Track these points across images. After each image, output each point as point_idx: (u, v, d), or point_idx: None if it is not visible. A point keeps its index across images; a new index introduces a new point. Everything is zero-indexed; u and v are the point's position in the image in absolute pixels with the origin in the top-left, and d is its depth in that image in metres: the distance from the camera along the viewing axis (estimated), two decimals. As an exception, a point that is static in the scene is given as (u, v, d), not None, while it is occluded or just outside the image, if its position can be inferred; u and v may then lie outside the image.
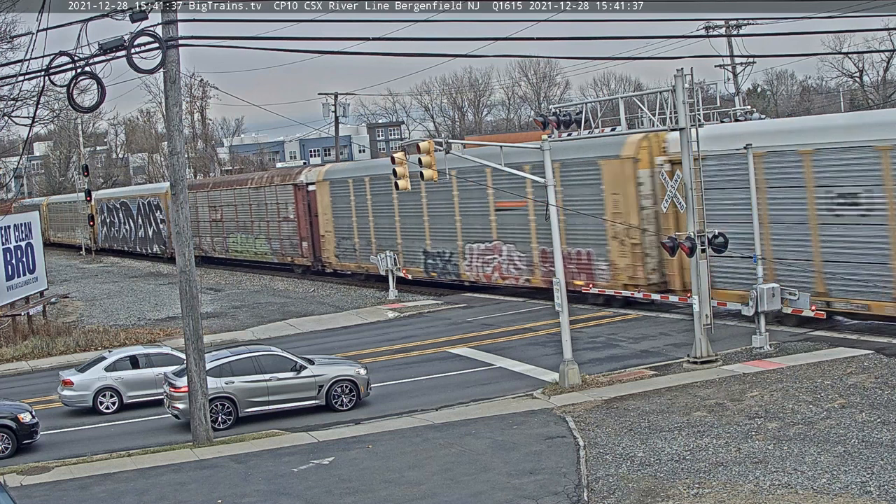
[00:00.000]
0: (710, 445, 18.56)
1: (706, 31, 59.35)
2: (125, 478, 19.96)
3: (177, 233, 22.79)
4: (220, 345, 32.99)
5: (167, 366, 26.69)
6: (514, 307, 37.98)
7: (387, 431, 21.95)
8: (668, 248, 25.87)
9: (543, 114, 28.29)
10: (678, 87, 24.92)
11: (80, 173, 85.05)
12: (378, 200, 47.21)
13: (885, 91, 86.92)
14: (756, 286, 26.48)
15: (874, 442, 17.80)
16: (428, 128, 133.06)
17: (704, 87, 29.32)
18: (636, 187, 33.25)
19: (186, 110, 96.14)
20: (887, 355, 24.12)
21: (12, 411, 23.58)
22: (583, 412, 21.96)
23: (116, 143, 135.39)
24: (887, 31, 64.23)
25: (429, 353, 31.14)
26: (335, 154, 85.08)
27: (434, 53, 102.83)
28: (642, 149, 32.97)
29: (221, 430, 23.66)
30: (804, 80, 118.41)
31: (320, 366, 25.21)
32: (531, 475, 17.83)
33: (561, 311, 24.94)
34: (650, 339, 29.67)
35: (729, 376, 23.76)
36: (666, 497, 16.17)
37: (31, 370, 33.93)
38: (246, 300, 47.52)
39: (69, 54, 20.24)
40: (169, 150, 23.12)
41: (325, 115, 77.11)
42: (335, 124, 76.72)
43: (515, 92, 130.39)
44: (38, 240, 44.14)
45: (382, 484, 18.11)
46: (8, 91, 35.47)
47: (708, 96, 32.49)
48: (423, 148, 25.60)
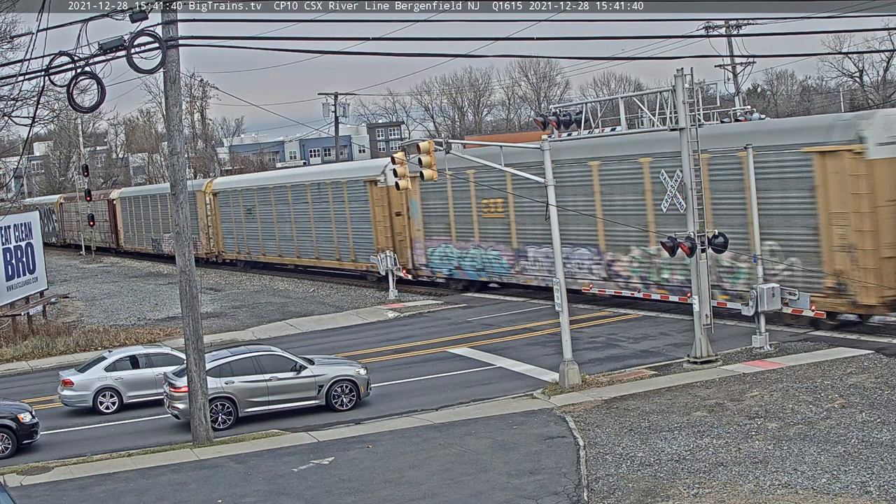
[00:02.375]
0: (710, 445, 18.56)
1: (706, 31, 59.33)
2: (125, 478, 19.96)
3: (177, 233, 22.81)
4: (220, 345, 32.98)
5: (167, 366, 26.69)
6: (514, 307, 37.97)
7: (387, 431, 21.95)
8: (668, 248, 25.85)
9: (543, 114, 28.31)
10: (678, 87, 24.92)
11: (80, 173, 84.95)
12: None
13: (885, 91, 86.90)
14: (756, 286, 26.47)
15: (874, 442, 17.79)
16: (428, 128, 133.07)
17: (704, 87, 29.30)
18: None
19: (186, 110, 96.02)
20: (887, 355, 24.12)
21: (12, 411, 23.58)
22: (583, 412, 21.96)
23: (116, 143, 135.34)
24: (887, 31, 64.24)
25: (429, 353, 31.14)
26: (335, 154, 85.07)
27: (434, 53, 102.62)
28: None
29: (221, 430, 23.66)
30: (804, 80, 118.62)
31: (320, 366, 25.21)
32: (531, 475, 17.83)
33: (561, 311, 24.94)
34: (650, 339, 29.67)
35: (729, 376, 23.76)
36: (666, 497, 16.17)
37: (31, 370, 33.93)
38: (246, 300, 47.52)
39: (69, 54, 20.23)
40: (169, 150, 23.12)
41: (325, 115, 77.24)
42: (335, 124, 76.75)
43: (515, 92, 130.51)
44: (38, 240, 44.14)
45: (382, 484, 18.11)
46: (8, 91, 35.46)
47: (708, 96, 32.47)
48: (423, 148, 25.62)
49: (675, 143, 26.14)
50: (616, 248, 33.91)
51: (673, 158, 27.14)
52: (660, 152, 30.33)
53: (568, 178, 34.17)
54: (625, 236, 33.28)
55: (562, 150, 31.82)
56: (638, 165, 32.24)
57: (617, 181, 33.40)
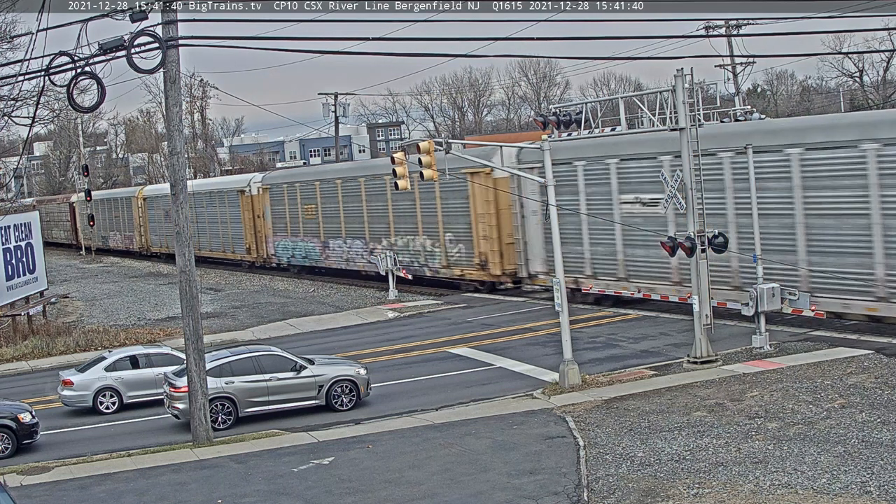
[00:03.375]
0: (710, 445, 18.56)
1: (706, 31, 59.34)
2: (125, 478, 19.95)
3: (177, 233, 22.80)
4: (220, 345, 32.99)
5: (167, 366, 26.69)
6: (514, 307, 37.98)
7: (387, 431, 21.95)
8: (668, 248, 25.87)
9: (543, 114, 28.31)
10: (678, 87, 24.92)
11: (80, 173, 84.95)
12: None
13: (885, 91, 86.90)
14: (756, 286, 26.48)
15: (874, 442, 17.80)
16: (428, 128, 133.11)
17: (704, 87, 29.32)
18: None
19: (186, 110, 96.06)
20: (887, 355, 24.13)
21: (12, 411, 23.58)
22: (583, 412, 21.96)
23: (116, 143, 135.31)
24: (887, 31, 64.23)
25: (429, 353, 31.14)
26: (335, 154, 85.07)
27: (434, 53, 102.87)
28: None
29: (221, 430, 23.66)
30: (804, 80, 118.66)
31: (320, 366, 25.21)
32: (531, 475, 17.83)
33: (561, 311, 24.94)
34: (650, 339, 29.68)
35: (729, 376, 23.76)
36: (666, 497, 16.17)
37: (31, 370, 33.93)
38: (246, 300, 47.53)
39: (69, 54, 20.22)
40: (169, 150, 23.12)
41: (325, 115, 77.18)
42: (335, 124, 76.72)
43: (515, 92, 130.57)
44: (38, 240, 44.16)
45: (382, 484, 18.11)
46: (8, 91, 35.44)
47: (708, 96, 32.48)
48: (423, 148, 25.60)
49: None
50: (375, 239, 47.76)
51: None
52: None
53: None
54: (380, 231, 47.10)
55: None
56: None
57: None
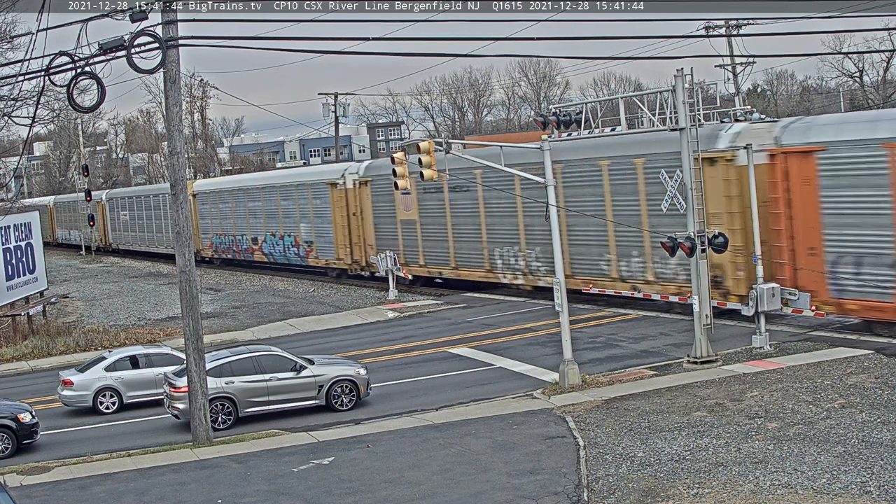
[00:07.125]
0: (710, 445, 18.56)
1: (706, 31, 59.31)
2: (125, 478, 19.96)
3: (177, 233, 22.80)
4: (220, 345, 32.98)
5: (167, 366, 26.68)
6: (514, 307, 37.97)
7: (387, 431, 21.95)
8: (668, 248, 25.85)
9: (543, 114, 28.30)
10: (678, 87, 24.92)
11: (80, 173, 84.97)
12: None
13: (885, 91, 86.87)
14: (756, 286, 26.47)
15: (874, 442, 17.79)
16: (428, 128, 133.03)
17: (704, 87, 29.33)
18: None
19: (186, 110, 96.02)
20: (887, 355, 24.12)
21: (12, 411, 23.58)
22: (583, 412, 21.96)
23: (116, 143, 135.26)
24: (887, 31, 64.21)
25: (429, 353, 31.14)
26: (335, 154, 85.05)
27: (434, 53, 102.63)
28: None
29: (221, 430, 23.66)
30: (804, 80, 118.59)
31: (320, 366, 25.21)
32: (531, 475, 17.83)
33: (561, 311, 24.94)
34: (650, 339, 29.67)
35: (729, 376, 23.76)
36: (666, 497, 16.17)
37: (31, 370, 33.93)
38: (246, 300, 47.53)
39: (69, 54, 20.22)
40: (169, 150, 23.12)
41: (325, 115, 77.24)
42: (335, 124, 76.75)
43: (515, 92, 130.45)
44: (38, 240, 44.14)
45: (382, 484, 18.11)
46: (8, 91, 35.42)
47: (708, 96, 32.47)
48: (423, 148, 25.59)
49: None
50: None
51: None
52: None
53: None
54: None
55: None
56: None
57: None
